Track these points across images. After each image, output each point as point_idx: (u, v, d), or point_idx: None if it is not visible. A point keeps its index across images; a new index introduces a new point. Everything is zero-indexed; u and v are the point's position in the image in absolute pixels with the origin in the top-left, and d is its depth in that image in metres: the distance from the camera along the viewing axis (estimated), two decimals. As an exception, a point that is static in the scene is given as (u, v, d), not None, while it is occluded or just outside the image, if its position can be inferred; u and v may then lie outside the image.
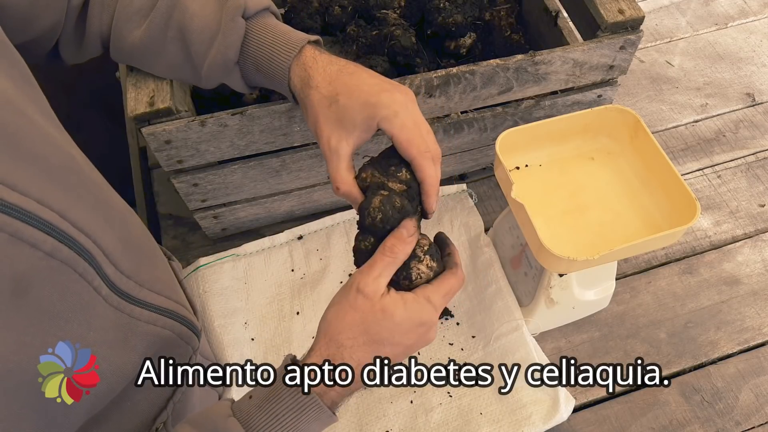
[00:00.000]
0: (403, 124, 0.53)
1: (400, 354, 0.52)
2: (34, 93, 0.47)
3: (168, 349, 0.54)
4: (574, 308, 0.79)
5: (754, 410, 0.76)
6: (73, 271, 0.41)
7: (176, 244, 0.89)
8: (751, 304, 0.84)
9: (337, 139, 0.54)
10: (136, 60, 0.64)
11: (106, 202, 0.49)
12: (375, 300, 0.49)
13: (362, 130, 0.55)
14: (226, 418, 0.48)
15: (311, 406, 0.48)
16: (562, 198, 0.72)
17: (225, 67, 0.60)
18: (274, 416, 0.47)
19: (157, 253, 0.57)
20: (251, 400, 0.49)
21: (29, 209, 0.38)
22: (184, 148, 0.69)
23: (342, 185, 0.54)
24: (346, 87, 0.56)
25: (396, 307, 0.50)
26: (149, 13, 0.60)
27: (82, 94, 1.18)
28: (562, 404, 0.73)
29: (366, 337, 0.49)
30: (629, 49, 0.76)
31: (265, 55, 0.59)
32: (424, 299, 0.51)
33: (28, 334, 0.39)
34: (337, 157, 0.54)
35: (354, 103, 0.54)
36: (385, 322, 0.49)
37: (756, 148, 1.00)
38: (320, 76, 0.57)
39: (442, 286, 0.52)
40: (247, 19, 0.60)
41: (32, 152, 0.41)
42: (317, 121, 0.56)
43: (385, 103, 0.54)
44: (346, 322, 0.50)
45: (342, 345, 0.49)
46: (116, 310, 0.46)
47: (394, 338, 0.50)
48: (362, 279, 0.50)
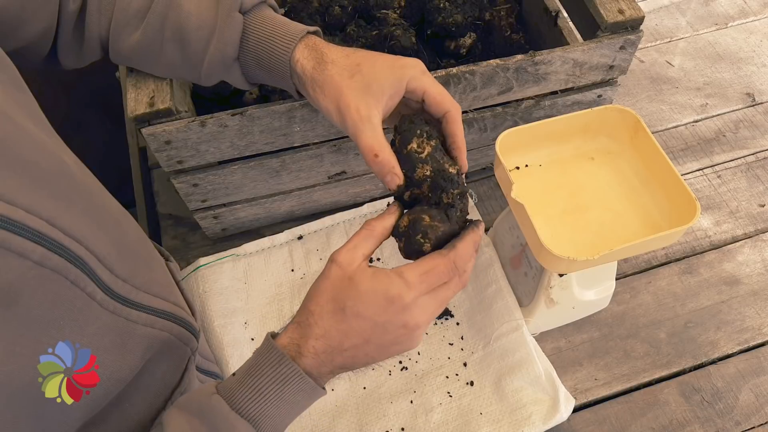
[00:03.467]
0: (432, 80, 0.55)
1: (373, 335, 0.48)
2: (23, 98, 0.47)
3: (166, 351, 0.54)
4: (574, 308, 0.79)
5: (754, 410, 0.76)
6: (64, 278, 0.41)
7: (176, 244, 0.89)
8: (751, 304, 0.84)
9: (366, 106, 0.53)
10: (135, 62, 0.64)
11: (100, 206, 0.49)
12: (345, 268, 0.49)
13: (390, 94, 0.54)
14: (210, 396, 0.47)
15: (292, 376, 0.47)
16: (562, 198, 0.72)
17: (224, 63, 0.60)
18: (256, 389, 0.47)
19: (153, 255, 0.57)
20: (234, 377, 0.49)
21: (16, 218, 0.38)
22: (184, 149, 0.69)
23: (381, 153, 0.51)
24: (367, 57, 0.56)
25: (363, 276, 0.48)
26: (146, 15, 0.60)
27: (82, 94, 1.18)
28: (562, 404, 0.73)
29: (332, 305, 0.48)
30: (629, 49, 0.76)
31: (265, 49, 0.58)
32: (396, 274, 0.48)
33: (18, 344, 0.39)
34: (371, 125, 0.52)
35: (380, 69, 0.54)
36: (350, 291, 0.48)
37: (756, 148, 1.00)
38: (335, 53, 0.57)
39: (421, 264, 0.49)
40: (245, 13, 0.59)
41: (20, 159, 0.41)
42: (340, 92, 0.54)
43: (411, 64, 0.55)
44: (316, 288, 0.49)
45: (311, 312, 0.49)
46: (112, 314, 0.46)
47: (357, 308, 0.47)
48: (338, 250, 0.50)
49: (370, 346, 0.49)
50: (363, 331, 0.48)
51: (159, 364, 0.54)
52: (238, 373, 0.49)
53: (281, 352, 0.47)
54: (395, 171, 0.51)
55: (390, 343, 0.49)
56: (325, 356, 0.48)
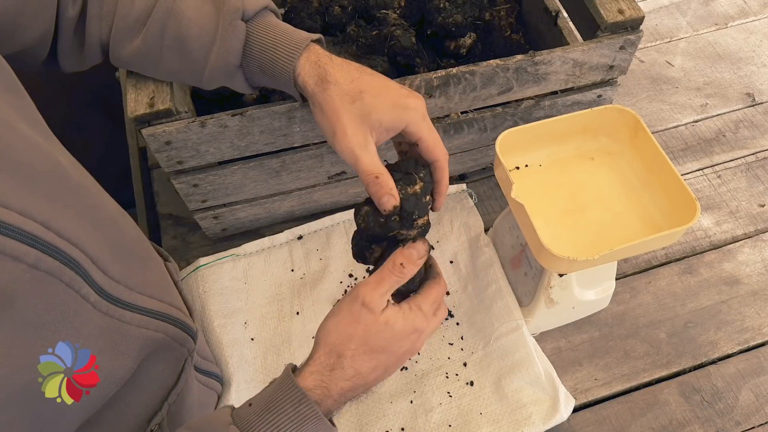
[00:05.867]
0: (430, 127, 0.57)
1: (394, 363, 0.54)
2: (18, 101, 0.47)
3: (161, 352, 0.54)
4: (574, 308, 0.79)
5: (754, 410, 0.76)
6: (59, 281, 0.41)
7: (176, 244, 0.89)
8: (751, 304, 0.84)
9: (363, 134, 0.54)
10: (136, 67, 0.64)
11: (96, 206, 0.49)
12: (378, 313, 0.52)
13: (387, 129, 0.55)
14: (227, 426, 0.48)
15: (311, 416, 0.49)
16: (562, 198, 0.72)
17: (227, 71, 0.60)
18: (274, 425, 0.48)
19: (150, 255, 0.57)
20: (251, 407, 0.50)
21: (10, 222, 0.38)
22: (184, 149, 0.69)
23: (382, 175, 0.53)
24: (371, 86, 0.56)
25: (396, 318, 0.52)
26: (145, 23, 0.59)
27: (82, 95, 1.18)
28: (562, 404, 0.73)
29: (366, 347, 0.52)
30: (629, 49, 0.76)
31: (268, 57, 0.59)
32: (417, 308, 0.54)
33: (14, 346, 0.39)
34: (368, 151, 0.54)
35: (382, 103, 0.55)
36: (386, 333, 0.52)
37: (756, 148, 1.00)
38: (339, 73, 0.57)
39: (429, 294, 0.55)
40: (247, 21, 0.59)
41: (14, 162, 0.41)
42: (339, 117, 0.55)
43: (413, 107, 0.56)
44: (348, 333, 0.51)
45: (343, 355, 0.51)
46: (105, 315, 0.46)
47: (392, 346, 0.53)
48: (368, 294, 0.52)
49: (386, 373, 0.54)
50: (388, 363, 0.53)
51: (155, 365, 0.54)
52: (256, 404, 0.50)
53: (302, 391, 0.49)
54: (393, 192, 0.53)
55: (401, 364, 0.55)
56: (350, 394, 0.52)
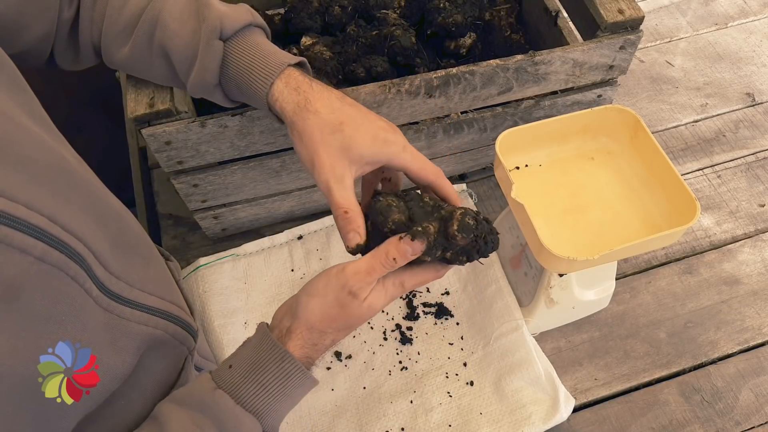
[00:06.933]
0: (413, 155, 0.56)
1: None
2: (22, 97, 0.47)
3: (161, 349, 0.54)
4: (574, 308, 0.79)
5: (754, 410, 0.76)
6: (65, 274, 0.41)
7: (176, 244, 0.89)
8: (751, 304, 0.84)
9: (342, 167, 0.53)
10: (129, 71, 0.65)
11: (99, 202, 0.49)
12: (362, 299, 0.52)
13: (367, 162, 0.54)
14: (213, 391, 0.49)
15: (296, 372, 0.51)
16: (562, 198, 0.72)
17: (205, 88, 0.60)
18: (261, 385, 0.49)
19: (152, 253, 0.57)
20: (233, 369, 0.50)
21: (17, 215, 0.38)
22: (184, 149, 0.69)
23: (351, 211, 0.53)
24: (351, 118, 0.55)
25: (379, 298, 0.53)
26: (132, 31, 0.59)
27: (82, 94, 1.18)
28: (562, 404, 0.73)
29: (347, 326, 0.53)
30: (629, 49, 0.76)
31: (244, 78, 0.58)
32: (399, 284, 0.54)
33: (20, 338, 0.39)
34: (343, 185, 0.53)
35: (362, 137, 0.54)
36: (367, 313, 0.53)
37: (756, 148, 1.00)
38: (320, 102, 0.55)
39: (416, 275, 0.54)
40: (226, 40, 0.58)
41: (20, 156, 0.41)
42: (317, 147, 0.54)
43: (393, 140, 0.55)
44: (331, 316, 0.52)
45: (325, 332, 0.52)
46: (105, 311, 0.46)
47: (365, 317, 0.54)
48: (357, 283, 0.51)
49: None
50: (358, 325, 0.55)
51: (155, 362, 0.54)
52: (237, 365, 0.51)
53: (284, 349, 0.50)
54: (359, 230, 0.53)
55: None
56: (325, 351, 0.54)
